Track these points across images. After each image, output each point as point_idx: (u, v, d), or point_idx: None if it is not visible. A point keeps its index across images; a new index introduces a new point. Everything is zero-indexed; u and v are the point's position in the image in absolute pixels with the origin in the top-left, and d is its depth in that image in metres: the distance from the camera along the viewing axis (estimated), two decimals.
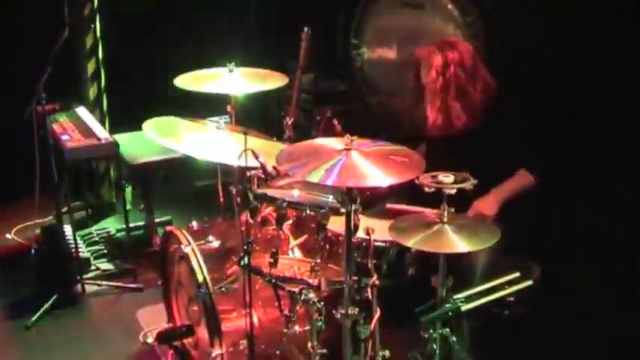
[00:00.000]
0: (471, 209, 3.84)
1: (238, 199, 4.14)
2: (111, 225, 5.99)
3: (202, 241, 3.75)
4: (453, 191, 3.23)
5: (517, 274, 3.56)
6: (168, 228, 3.98)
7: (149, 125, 3.96)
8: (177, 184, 6.33)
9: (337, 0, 5.86)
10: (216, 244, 3.80)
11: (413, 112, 4.34)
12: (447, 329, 3.43)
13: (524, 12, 4.50)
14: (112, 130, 5.71)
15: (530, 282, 3.54)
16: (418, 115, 4.21)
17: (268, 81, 4.28)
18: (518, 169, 3.91)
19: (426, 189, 3.20)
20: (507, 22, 4.54)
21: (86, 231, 5.82)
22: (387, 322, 3.38)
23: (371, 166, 2.99)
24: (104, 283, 5.11)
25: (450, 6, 4.98)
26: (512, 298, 3.51)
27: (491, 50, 4.65)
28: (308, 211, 3.42)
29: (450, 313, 3.37)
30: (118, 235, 5.80)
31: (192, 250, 3.70)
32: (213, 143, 3.92)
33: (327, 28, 5.64)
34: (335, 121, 4.68)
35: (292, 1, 6.11)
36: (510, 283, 3.54)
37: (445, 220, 3.24)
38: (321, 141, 3.22)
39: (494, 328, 3.70)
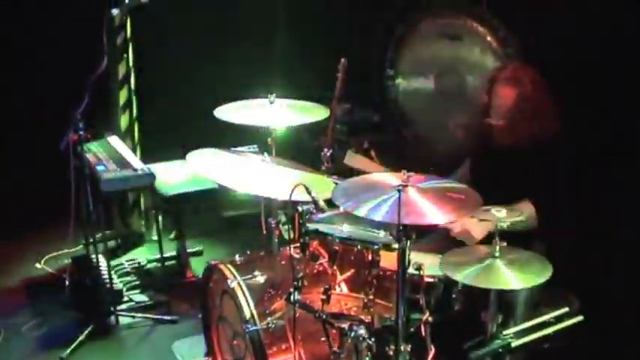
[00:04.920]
0: (459, 224, 3.73)
1: (277, 232, 4.15)
2: (140, 255, 5.94)
3: (249, 276, 3.71)
4: (505, 225, 3.22)
5: (566, 309, 3.54)
6: (213, 262, 3.92)
7: (193, 156, 3.93)
8: (206, 214, 6.27)
9: (373, 30, 5.82)
10: (261, 279, 3.74)
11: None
12: None
13: (568, 44, 4.47)
14: (143, 160, 5.67)
15: (580, 317, 3.52)
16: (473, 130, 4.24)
17: (309, 113, 4.21)
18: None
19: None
20: (549, 54, 4.49)
21: (117, 261, 5.75)
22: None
23: (428, 203, 2.98)
24: (139, 315, 5.06)
25: (489, 37, 4.98)
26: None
27: None
28: (359, 247, 3.38)
29: (500, 349, 3.34)
30: (149, 265, 5.76)
31: (239, 284, 3.66)
32: (256, 176, 3.88)
33: (364, 58, 5.58)
34: (372, 153, 4.68)
35: (329, 32, 6.12)
36: (559, 318, 3.52)
37: (497, 254, 3.23)
38: (377, 177, 3.19)
39: None
